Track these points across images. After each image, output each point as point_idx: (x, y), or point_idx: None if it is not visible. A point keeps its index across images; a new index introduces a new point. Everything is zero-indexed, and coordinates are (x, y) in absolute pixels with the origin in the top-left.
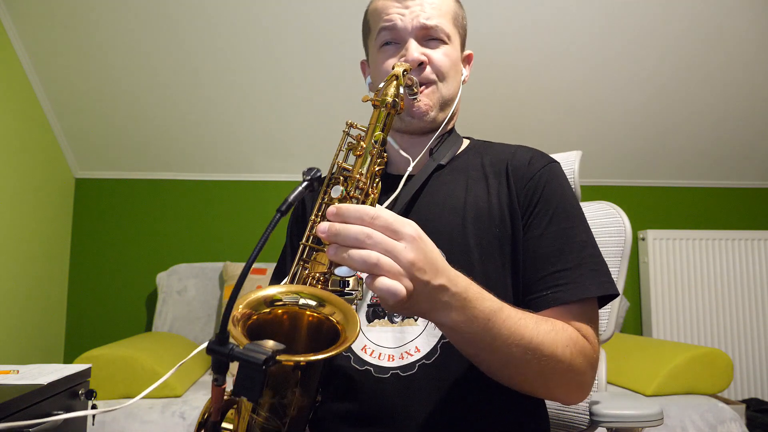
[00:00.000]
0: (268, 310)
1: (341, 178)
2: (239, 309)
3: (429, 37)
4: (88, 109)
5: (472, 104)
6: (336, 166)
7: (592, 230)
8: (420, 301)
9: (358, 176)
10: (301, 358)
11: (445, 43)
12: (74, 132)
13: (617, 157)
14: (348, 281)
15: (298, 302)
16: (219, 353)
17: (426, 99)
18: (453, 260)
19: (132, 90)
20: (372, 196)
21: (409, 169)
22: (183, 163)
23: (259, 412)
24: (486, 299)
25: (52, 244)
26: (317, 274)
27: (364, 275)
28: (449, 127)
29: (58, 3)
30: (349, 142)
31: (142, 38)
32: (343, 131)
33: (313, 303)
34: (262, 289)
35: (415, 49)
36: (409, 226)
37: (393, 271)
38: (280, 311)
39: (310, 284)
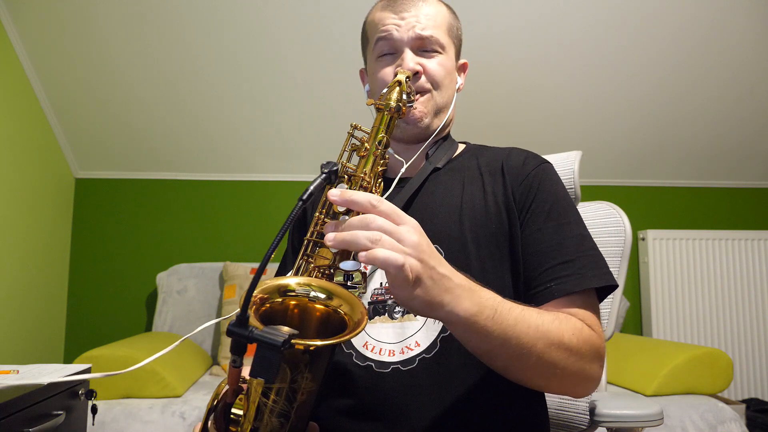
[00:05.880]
0: (280, 299)
1: (345, 176)
2: (255, 294)
3: (424, 47)
4: (88, 109)
5: (470, 104)
6: (340, 165)
7: (592, 230)
8: (429, 287)
9: (362, 175)
10: (316, 342)
11: (439, 53)
12: (74, 132)
13: (617, 156)
14: (352, 275)
15: (308, 295)
16: (239, 335)
17: (421, 107)
18: (451, 258)
19: (132, 90)
20: (375, 194)
21: (403, 170)
22: (183, 163)
23: (269, 396)
24: (487, 291)
25: (52, 244)
26: (322, 267)
27: (368, 270)
28: (444, 133)
29: (58, 3)
30: (353, 143)
31: (143, 38)
32: (348, 133)
33: (322, 296)
34: (277, 278)
35: (410, 59)
36: (410, 218)
37: (395, 248)
38: (291, 302)
39: (316, 277)
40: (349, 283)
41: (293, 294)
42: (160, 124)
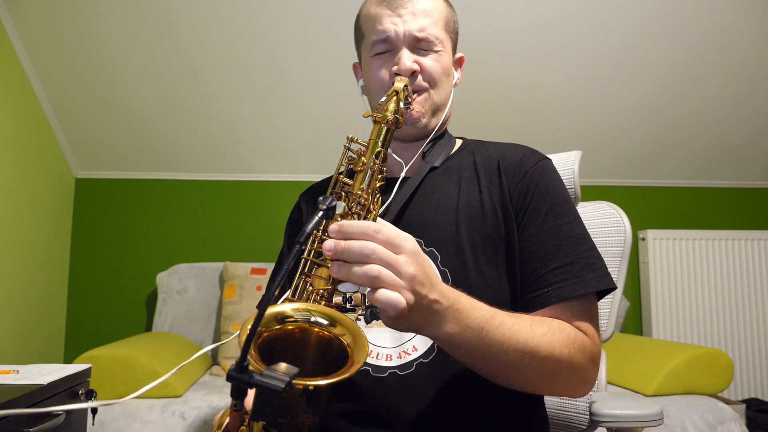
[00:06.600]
0: (278, 326)
1: (343, 193)
2: (249, 328)
3: (421, 45)
4: (88, 109)
5: (470, 104)
6: (337, 181)
7: (592, 230)
8: (416, 314)
9: (359, 192)
10: (317, 382)
11: (436, 50)
12: (74, 132)
13: (617, 156)
14: (351, 297)
15: (309, 320)
16: (239, 380)
17: (418, 106)
18: (447, 260)
19: (132, 90)
20: (373, 212)
21: (402, 173)
22: (183, 163)
23: None
24: (477, 308)
25: (52, 244)
26: (321, 290)
27: (366, 291)
28: (441, 130)
29: (58, 3)
30: (349, 157)
31: (143, 38)
32: (344, 146)
33: (324, 321)
34: (272, 306)
35: (407, 59)
36: (408, 242)
37: (394, 284)
38: (290, 327)
39: (314, 301)
40: (347, 306)
41: (292, 320)
42: (160, 124)
